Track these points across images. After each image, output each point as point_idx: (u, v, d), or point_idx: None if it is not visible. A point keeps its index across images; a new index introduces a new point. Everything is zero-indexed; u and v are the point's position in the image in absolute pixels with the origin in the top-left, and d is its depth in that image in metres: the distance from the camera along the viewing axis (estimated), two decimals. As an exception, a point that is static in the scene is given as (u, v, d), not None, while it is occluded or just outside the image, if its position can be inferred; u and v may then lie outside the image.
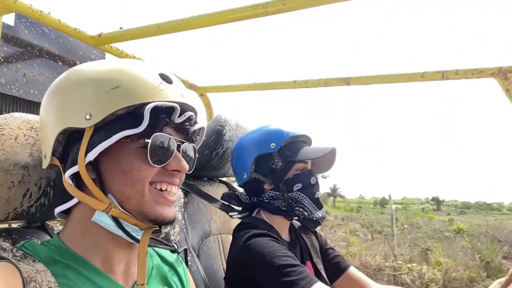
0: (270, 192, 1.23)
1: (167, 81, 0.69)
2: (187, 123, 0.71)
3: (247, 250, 1.07)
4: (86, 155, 0.64)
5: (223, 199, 1.33)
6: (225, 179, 1.66)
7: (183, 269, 0.88)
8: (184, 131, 0.72)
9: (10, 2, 1.05)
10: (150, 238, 0.70)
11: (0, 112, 1.28)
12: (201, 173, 1.45)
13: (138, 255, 0.67)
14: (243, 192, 1.33)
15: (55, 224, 0.96)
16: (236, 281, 1.13)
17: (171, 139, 0.67)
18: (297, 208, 1.22)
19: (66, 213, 0.71)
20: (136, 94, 0.64)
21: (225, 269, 1.28)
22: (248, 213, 1.30)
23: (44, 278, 0.57)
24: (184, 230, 1.25)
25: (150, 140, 0.64)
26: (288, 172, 1.22)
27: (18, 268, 0.56)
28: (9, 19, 1.28)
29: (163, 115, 0.66)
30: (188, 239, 1.24)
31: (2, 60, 1.23)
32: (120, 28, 1.31)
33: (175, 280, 0.82)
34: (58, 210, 0.71)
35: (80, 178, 0.67)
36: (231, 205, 1.34)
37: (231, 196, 1.32)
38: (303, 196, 1.21)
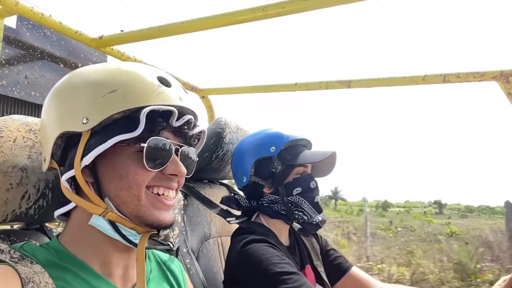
0: (269, 196, 1.23)
1: (166, 84, 0.68)
2: (186, 127, 0.70)
3: (244, 256, 1.07)
4: (82, 159, 0.63)
5: (222, 203, 1.32)
6: (226, 182, 1.66)
7: (182, 272, 0.88)
8: (183, 135, 0.72)
9: (11, 5, 1.05)
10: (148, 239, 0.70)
11: (2, 114, 1.29)
12: (201, 175, 1.45)
13: (137, 260, 0.66)
14: (243, 195, 1.32)
15: (55, 226, 0.97)
16: (234, 286, 1.13)
17: (168, 143, 0.67)
18: (296, 212, 1.21)
19: (67, 215, 0.71)
20: (132, 98, 0.63)
21: (223, 272, 1.27)
22: (246, 218, 1.29)
23: (42, 279, 0.57)
24: (183, 233, 1.25)
25: (146, 145, 0.63)
26: (287, 176, 1.21)
27: (16, 270, 0.56)
28: (11, 21, 1.29)
29: (160, 119, 0.65)
30: (187, 242, 1.24)
31: (3, 62, 1.24)
32: (121, 30, 1.31)
33: (174, 283, 0.82)
34: (57, 213, 0.71)
35: (78, 182, 0.67)
36: (231, 208, 1.34)
37: (230, 200, 1.31)
38: (303, 200, 1.20)
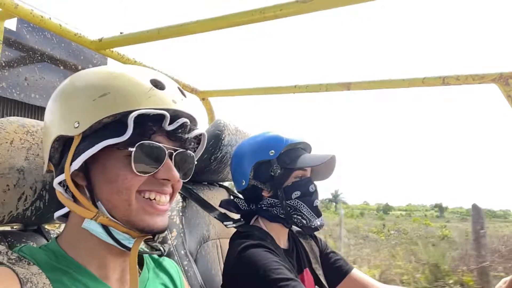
0: (268, 199, 1.22)
1: (159, 86, 0.67)
2: (180, 131, 0.69)
3: (241, 261, 1.06)
4: (72, 163, 0.63)
5: (221, 206, 1.31)
6: (226, 184, 1.66)
7: (179, 274, 0.88)
8: (178, 139, 0.70)
9: (11, 7, 1.06)
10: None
11: (1, 116, 1.29)
12: (200, 177, 1.45)
13: (130, 265, 0.66)
14: (242, 198, 1.32)
15: (53, 227, 0.97)
16: None
17: (160, 147, 0.66)
18: (295, 216, 1.21)
19: (66, 216, 0.72)
20: (122, 102, 0.62)
21: (222, 275, 1.27)
22: (244, 222, 1.29)
23: (40, 280, 0.58)
24: (181, 235, 1.25)
25: (134, 149, 0.63)
26: (287, 179, 1.21)
27: (13, 270, 0.56)
28: (11, 23, 1.30)
29: (150, 123, 0.64)
30: (185, 244, 1.24)
31: (3, 64, 1.25)
32: (120, 33, 1.32)
33: (171, 286, 0.82)
34: (57, 214, 0.71)
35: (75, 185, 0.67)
36: (230, 211, 1.33)
37: (229, 203, 1.31)
38: (302, 204, 1.20)
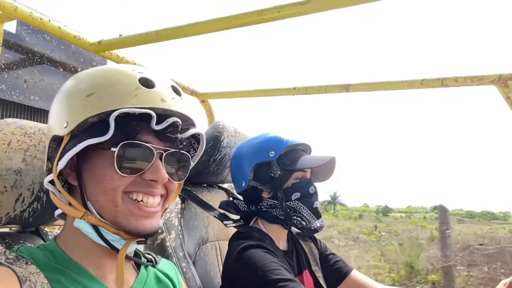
0: (268, 201, 1.23)
1: (148, 85, 0.65)
2: (170, 130, 0.67)
3: (240, 262, 1.06)
4: (58, 163, 0.63)
5: (221, 207, 1.32)
6: (225, 186, 1.66)
7: (177, 276, 0.88)
8: (169, 139, 0.68)
9: (10, 10, 1.06)
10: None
11: (1, 118, 1.30)
12: (199, 179, 1.45)
13: (117, 267, 0.64)
14: (242, 200, 1.32)
15: (51, 229, 0.97)
16: None
17: (146, 147, 0.64)
18: (295, 217, 1.21)
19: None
20: (107, 101, 0.62)
21: (221, 277, 1.27)
22: (244, 222, 1.29)
23: (38, 280, 0.58)
24: (180, 237, 1.24)
25: (117, 149, 0.62)
26: (286, 180, 1.21)
27: (12, 269, 0.56)
28: (11, 26, 1.30)
29: (135, 122, 0.63)
30: (184, 246, 1.24)
31: (3, 66, 1.25)
32: (119, 35, 1.32)
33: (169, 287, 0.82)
34: (57, 212, 0.72)
35: (69, 185, 0.68)
36: (229, 212, 1.34)
37: (229, 204, 1.31)
38: (301, 206, 1.20)
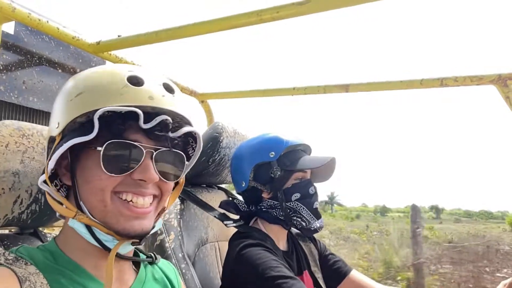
0: (268, 201, 1.23)
1: (136, 83, 0.64)
2: (159, 128, 0.65)
3: (240, 260, 1.07)
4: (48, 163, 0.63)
5: (221, 207, 1.32)
6: (224, 186, 1.66)
7: (177, 277, 0.87)
8: (160, 138, 0.66)
9: (8, 11, 1.06)
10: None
11: (0, 119, 1.29)
12: (198, 179, 1.45)
13: (106, 268, 0.63)
14: (242, 200, 1.32)
15: (51, 230, 0.97)
16: None
17: (134, 146, 0.63)
18: (295, 218, 1.21)
19: None
20: (93, 100, 0.61)
21: (221, 277, 1.27)
22: (244, 222, 1.29)
23: (37, 280, 0.58)
24: (179, 237, 1.24)
25: (103, 148, 0.61)
26: (286, 181, 1.21)
27: (12, 270, 0.56)
28: (9, 27, 1.30)
29: (121, 120, 0.62)
30: (183, 247, 1.24)
31: (1, 68, 1.25)
32: (118, 35, 1.32)
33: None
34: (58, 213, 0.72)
35: (67, 185, 0.68)
36: (229, 213, 1.34)
37: (229, 204, 1.31)
38: (301, 206, 1.20)
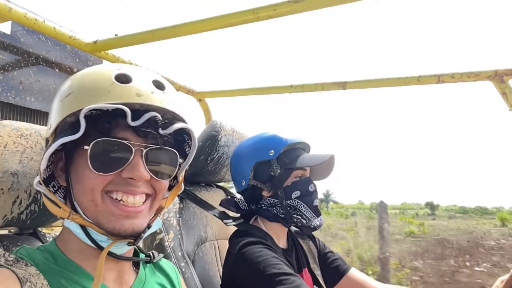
0: (268, 199, 1.23)
1: (123, 81, 0.63)
2: (148, 125, 0.64)
3: (241, 258, 1.07)
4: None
5: (221, 205, 1.32)
6: (222, 184, 1.66)
7: (176, 275, 0.88)
8: (150, 135, 0.65)
9: (5, 11, 1.06)
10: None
11: (-3, 119, 1.29)
12: (197, 178, 1.45)
13: (97, 266, 0.62)
14: (242, 198, 1.32)
15: (51, 231, 0.97)
16: None
17: (122, 144, 0.62)
18: (295, 215, 1.21)
19: None
20: (81, 100, 0.61)
21: (221, 275, 1.27)
22: (244, 220, 1.29)
23: (38, 281, 0.58)
24: (178, 236, 1.24)
25: (90, 147, 0.61)
26: (286, 179, 1.21)
27: (12, 271, 0.56)
28: (5, 27, 1.29)
29: (108, 118, 0.62)
30: (182, 245, 1.24)
31: (-2, 68, 1.25)
32: (115, 35, 1.32)
33: (169, 287, 0.82)
34: None
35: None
36: (229, 211, 1.34)
37: (229, 203, 1.31)
38: (302, 204, 1.20)
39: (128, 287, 0.72)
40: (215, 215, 1.32)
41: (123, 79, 0.63)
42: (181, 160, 0.74)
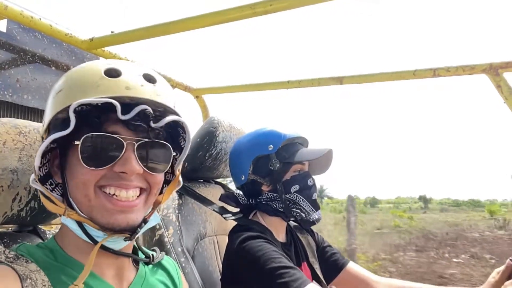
0: (268, 194, 1.24)
1: (112, 75, 0.63)
2: (138, 118, 0.63)
3: (241, 253, 1.08)
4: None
5: (221, 199, 1.33)
6: (219, 181, 1.67)
7: (176, 271, 0.88)
8: (141, 128, 0.65)
9: (0, 9, 1.05)
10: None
11: (-5, 118, 1.29)
12: (195, 174, 1.46)
13: (89, 259, 0.63)
14: (241, 193, 1.33)
15: (50, 228, 0.97)
16: (232, 283, 1.14)
17: (112, 138, 0.62)
18: (294, 209, 1.22)
19: None
20: (71, 95, 0.61)
21: (221, 270, 1.28)
22: (243, 215, 1.30)
23: (39, 277, 0.58)
24: (178, 232, 1.25)
25: (80, 142, 0.61)
26: (285, 173, 1.22)
27: (12, 268, 0.57)
28: (1, 25, 1.29)
29: (97, 113, 0.62)
30: (182, 241, 1.25)
31: (-6, 66, 1.25)
32: (111, 31, 1.32)
33: (169, 283, 0.83)
34: None
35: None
36: (229, 205, 1.35)
37: (229, 197, 1.32)
38: (301, 198, 1.21)
39: (128, 283, 0.72)
40: (214, 210, 1.33)
41: (113, 73, 0.63)
42: (175, 154, 0.73)
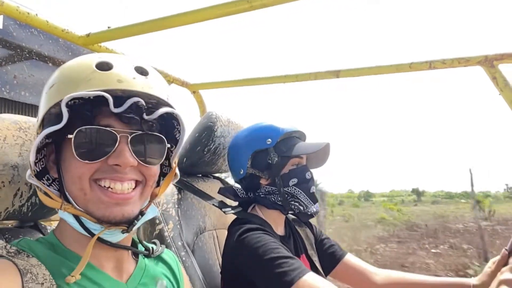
0: (266, 187, 1.25)
1: (104, 68, 0.63)
2: (131, 111, 0.63)
3: (240, 244, 1.09)
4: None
5: (220, 193, 1.34)
6: (218, 175, 1.67)
7: (177, 264, 0.89)
8: (134, 121, 0.65)
9: (-4, 5, 1.05)
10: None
11: (-7, 115, 1.29)
12: (194, 169, 1.46)
13: (86, 251, 0.64)
14: (240, 187, 1.34)
15: (51, 224, 0.98)
16: (232, 275, 1.15)
17: (105, 131, 0.62)
18: (293, 202, 1.23)
19: None
20: (63, 90, 0.61)
21: (221, 264, 1.30)
22: (242, 209, 1.31)
23: (39, 271, 0.59)
24: (178, 226, 1.26)
25: (73, 135, 0.61)
26: (284, 167, 1.23)
27: (13, 262, 0.57)
28: (-3, 21, 1.28)
29: (89, 106, 0.62)
30: (182, 235, 1.26)
31: (-9, 62, 1.24)
32: (108, 27, 1.32)
33: (170, 276, 0.84)
34: None
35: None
36: (227, 199, 1.36)
37: (228, 191, 1.33)
38: (299, 191, 1.23)
39: (128, 275, 0.73)
40: (213, 204, 1.34)
41: (104, 66, 0.63)
42: (171, 146, 0.73)
